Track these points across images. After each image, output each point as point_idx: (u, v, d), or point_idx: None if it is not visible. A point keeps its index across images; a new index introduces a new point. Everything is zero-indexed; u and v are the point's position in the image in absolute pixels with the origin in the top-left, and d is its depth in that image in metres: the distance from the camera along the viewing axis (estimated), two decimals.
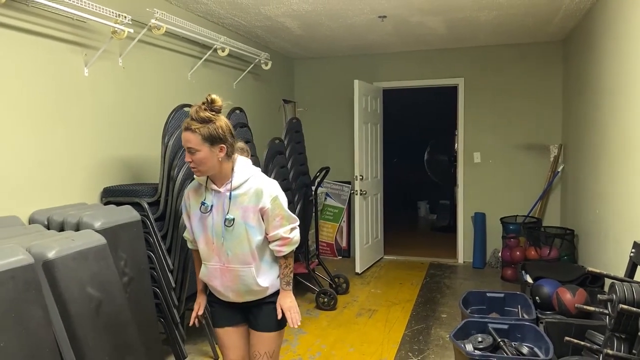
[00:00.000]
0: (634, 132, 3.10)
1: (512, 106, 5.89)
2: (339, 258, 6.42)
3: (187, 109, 3.19)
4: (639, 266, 2.61)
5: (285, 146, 4.48)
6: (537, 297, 3.36)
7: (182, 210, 2.18)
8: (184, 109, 3.23)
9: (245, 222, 2.01)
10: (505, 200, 5.93)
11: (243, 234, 2.01)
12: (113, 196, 3.22)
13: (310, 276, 4.72)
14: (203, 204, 2.06)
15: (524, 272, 3.99)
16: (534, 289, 3.45)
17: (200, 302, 2.28)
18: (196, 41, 4.23)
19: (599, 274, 2.25)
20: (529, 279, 3.78)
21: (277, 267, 2.14)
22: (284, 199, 2.08)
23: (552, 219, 5.75)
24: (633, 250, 2.64)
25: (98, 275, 2.30)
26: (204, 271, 2.14)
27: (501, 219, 5.67)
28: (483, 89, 5.98)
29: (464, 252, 6.17)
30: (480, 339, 2.82)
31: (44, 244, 2.14)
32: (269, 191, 2.03)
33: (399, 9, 4.27)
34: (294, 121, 4.76)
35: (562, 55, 5.63)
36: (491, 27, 5.00)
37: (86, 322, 2.19)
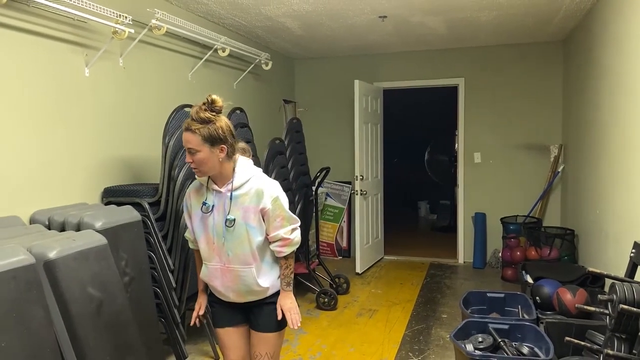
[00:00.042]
0: (634, 132, 3.10)
1: (513, 106, 5.89)
2: (339, 258, 6.42)
3: (188, 109, 3.19)
4: (639, 266, 2.62)
5: (286, 146, 4.48)
6: (537, 297, 3.36)
7: (184, 210, 2.19)
8: (185, 109, 3.23)
9: (246, 223, 2.01)
10: (505, 201, 5.93)
11: (244, 234, 2.02)
12: (114, 196, 3.23)
13: (311, 276, 4.72)
14: (204, 204, 2.06)
15: (524, 272, 3.99)
16: (534, 289, 3.45)
17: (201, 302, 2.29)
18: (197, 41, 4.23)
19: (599, 274, 2.25)
20: (529, 279, 3.78)
21: (278, 268, 2.14)
22: (284, 200, 2.08)
23: (552, 219, 5.75)
24: (633, 250, 2.65)
25: (99, 275, 2.31)
26: (204, 271, 2.15)
27: (501, 219, 5.68)
28: (483, 89, 5.98)
29: (464, 252, 6.17)
30: (480, 339, 2.82)
31: (45, 244, 2.14)
32: (270, 192, 2.03)
33: (399, 9, 4.28)
34: (295, 121, 4.76)
35: (563, 55, 5.63)
36: (491, 27, 5.00)
37: (87, 322, 2.19)
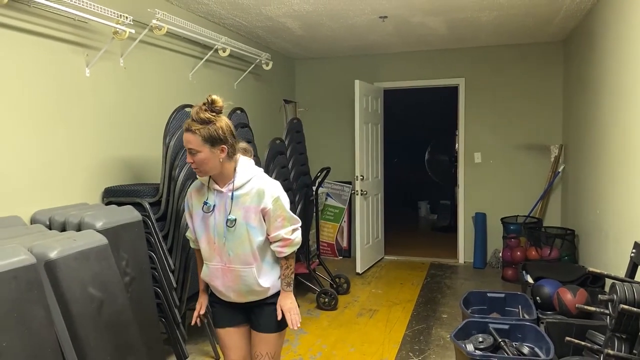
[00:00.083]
0: (634, 133, 3.10)
1: (513, 106, 5.89)
2: (339, 258, 6.42)
3: (188, 109, 3.20)
4: (639, 266, 2.62)
5: (286, 146, 4.48)
6: (537, 297, 3.36)
7: (185, 209, 2.19)
8: (185, 109, 3.24)
9: (246, 223, 2.01)
10: (505, 201, 5.93)
11: (244, 234, 2.02)
12: (114, 196, 3.23)
13: (311, 276, 4.73)
14: (205, 203, 2.06)
15: (524, 272, 3.99)
16: (534, 289, 3.45)
17: (202, 301, 2.29)
18: (197, 41, 4.23)
19: (599, 274, 2.25)
20: (529, 279, 3.78)
21: (279, 268, 2.14)
22: (285, 200, 2.08)
23: (552, 219, 5.75)
24: (634, 250, 2.65)
25: (100, 275, 2.31)
26: (205, 271, 2.15)
27: (502, 219, 5.68)
28: (484, 89, 5.98)
29: (464, 252, 6.17)
30: (481, 339, 2.83)
31: (45, 244, 2.15)
32: (271, 192, 2.03)
33: (399, 9, 4.28)
34: (295, 121, 4.76)
35: (563, 55, 5.63)
36: (492, 28, 5.00)
37: (88, 322, 2.20)
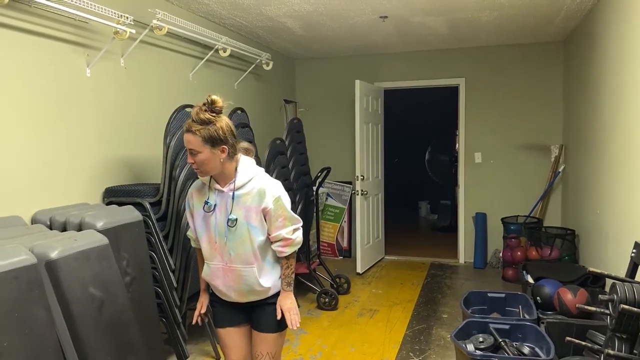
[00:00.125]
0: (634, 133, 3.10)
1: (513, 106, 5.89)
2: (340, 258, 6.42)
3: (189, 109, 3.20)
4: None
5: (287, 146, 4.48)
6: (538, 297, 3.36)
7: (186, 209, 2.19)
8: (186, 109, 3.24)
9: (247, 222, 2.01)
10: (506, 201, 5.93)
11: (245, 234, 2.02)
12: (115, 196, 3.23)
13: (312, 276, 4.73)
14: (206, 203, 2.06)
15: (525, 273, 3.99)
16: (535, 289, 3.46)
17: (203, 300, 2.28)
18: (198, 42, 4.24)
19: (600, 274, 2.26)
20: (530, 279, 3.78)
21: (280, 268, 2.14)
22: (287, 200, 2.08)
23: (553, 219, 5.75)
24: (634, 250, 2.65)
25: (100, 275, 2.31)
26: (206, 270, 2.15)
27: (502, 219, 5.68)
28: (484, 89, 5.98)
29: (465, 252, 6.17)
30: (481, 339, 2.83)
31: (46, 244, 2.15)
32: (272, 191, 2.03)
33: (400, 9, 4.28)
34: (295, 121, 4.77)
35: (563, 55, 5.63)
36: (492, 28, 5.00)
37: (89, 322, 2.20)
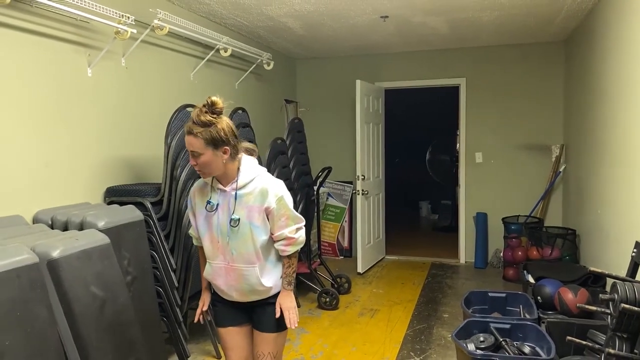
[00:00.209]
0: (635, 133, 3.10)
1: (514, 106, 5.89)
2: (340, 258, 6.43)
3: (190, 109, 3.21)
4: None
5: (288, 146, 4.49)
6: (539, 297, 3.36)
7: (188, 208, 2.19)
8: (187, 109, 3.24)
9: (250, 222, 2.02)
10: (506, 200, 5.93)
11: (248, 233, 2.02)
12: (116, 196, 3.24)
13: (312, 276, 4.73)
14: (209, 202, 2.07)
15: (525, 272, 3.99)
16: (535, 288, 3.46)
17: (205, 299, 2.28)
18: (199, 41, 4.24)
19: (600, 274, 2.26)
20: (530, 279, 3.78)
21: (281, 267, 2.14)
22: (289, 199, 2.08)
23: (553, 219, 5.75)
24: (635, 250, 2.65)
25: (102, 274, 2.32)
26: (208, 269, 2.15)
27: (503, 219, 5.67)
28: (485, 89, 5.98)
29: (465, 252, 6.17)
30: (482, 339, 2.83)
31: (48, 243, 2.15)
32: (275, 191, 2.03)
33: (401, 9, 4.28)
34: (296, 121, 4.77)
35: (564, 55, 5.63)
36: (493, 28, 5.00)
37: (90, 321, 2.20)
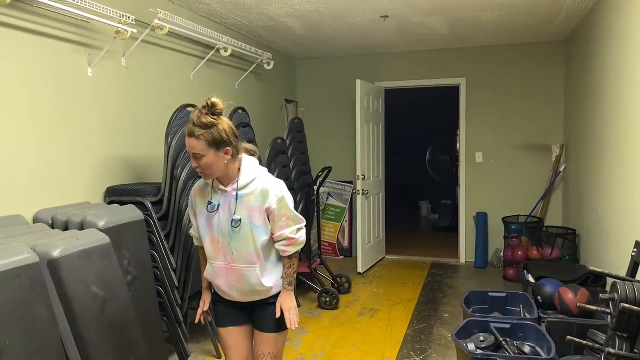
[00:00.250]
0: (636, 132, 3.10)
1: (514, 106, 5.89)
2: (341, 258, 6.43)
3: (190, 109, 3.21)
4: None
5: (288, 146, 4.49)
6: (539, 297, 3.36)
7: (189, 208, 2.20)
8: (187, 109, 3.25)
9: (251, 222, 2.02)
10: (507, 200, 5.93)
11: (249, 234, 2.02)
12: (116, 196, 3.24)
13: (313, 276, 4.73)
14: (210, 203, 2.07)
15: (526, 272, 3.99)
16: (536, 288, 3.46)
17: (205, 299, 2.28)
18: (199, 41, 4.24)
19: (600, 274, 2.26)
20: (531, 279, 3.78)
21: (282, 268, 2.14)
22: (290, 200, 2.08)
23: (554, 218, 5.75)
24: (635, 249, 2.65)
25: (102, 274, 2.32)
26: (209, 270, 2.15)
27: (503, 218, 5.67)
28: (485, 89, 5.98)
29: (466, 252, 6.17)
30: (482, 339, 2.83)
31: (49, 243, 2.15)
32: (275, 191, 2.03)
33: (401, 9, 4.28)
34: (296, 121, 4.77)
35: (564, 55, 5.63)
36: (493, 27, 5.01)
37: (91, 321, 2.20)
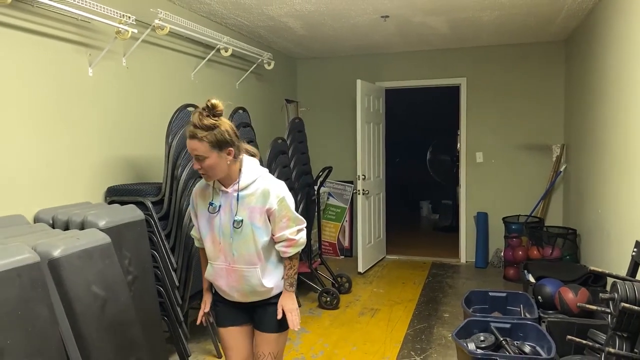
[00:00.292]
0: (636, 132, 3.10)
1: (515, 106, 5.89)
2: (341, 257, 6.43)
3: (191, 108, 3.22)
4: None
5: (288, 146, 4.49)
6: (539, 297, 3.37)
7: (190, 209, 2.20)
8: (188, 108, 3.25)
9: (251, 223, 2.02)
10: (507, 200, 5.93)
11: (249, 234, 2.02)
12: (117, 195, 3.24)
13: (313, 275, 4.73)
14: (211, 204, 2.07)
15: (526, 272, 3.99)
16: (536, 288, 3.46)
17: (206, 300, 2.28)
18: (199, 41, 4.24)
19: (601, 273, 2.26)
20: (531, 279, 3.78)
21: (282, 268, 2.15)
22: (290, 200, 2.08)
23: (554, 218, 5.75)
24: (635, 249, 2.65)
25: (103, 273, 2.32)
26: (209, 270, 2.15)
27: (503, 218, 5.67)
28: (485, 89, 5.98)
29: (466, 251, 6.17)
30: (482, 338, 2.83)
31: (49, 242, 2.15)
32: (276, 192, 2.03)
33: (401, 9, 4.28)
34: (297, 121, 4.77)
35: (565, 55, 5.63)
36: (493, 27, 5.00)
37: (91, 321, 2.20)
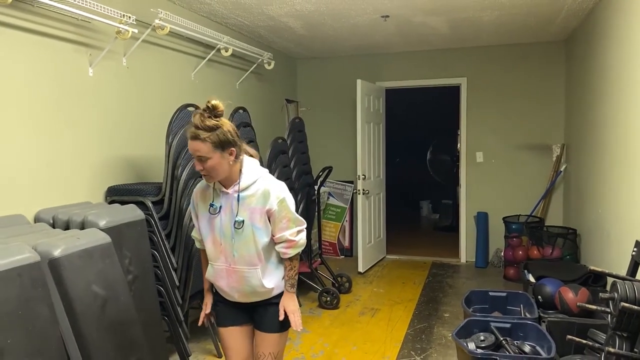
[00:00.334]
0: (636, 132, 3.10)
1: (515, 106, 5.89)
2: (341, 257, 6.43)
3: (191, 108, 3.22)
4: None
5: (288, 146, 4.49)
6: (539, 296, 3.37)
7: (191, 210, 2.20)
8: (188, 108, 3.25)
9: (252, 224, 2.02)
10: (507, 200, 5.93)
11: (250, 235, 2.02)
12: (117, 195, 3.24)
13: (313, 275, 4.73)
14: (212, 205, 2.07)
15: (526, 272, 3.99)
16: (536, 288, 3.46)
17: (207, 301, 2.28)
18: (199, 41, 4.24)
19: (601, 273, 2.26)
20: (531, 278, 3.78)
21: (283, 268, 2.15)
22: (291, 201, 2.08)
23: (554, 218, 5.75)
24: (635, 249, 2.65)
25: (103, 273, 2.32)
26: (210, 271, 2.16)
27: (504, 218, 5.68)
28: (485, 89, 5.98)
29: (466, 251, 6.17)
30: (482, 338, 2.83)
31: (50, 242, 2.16)
32: (277, 193, 2.03)
33: (401, 9, 4.28)
34: (297, 121, 4.77)
35: (565, 55, 5.63)
36: (494, 27, 5.01)
37: (91, 320, 2.21)
